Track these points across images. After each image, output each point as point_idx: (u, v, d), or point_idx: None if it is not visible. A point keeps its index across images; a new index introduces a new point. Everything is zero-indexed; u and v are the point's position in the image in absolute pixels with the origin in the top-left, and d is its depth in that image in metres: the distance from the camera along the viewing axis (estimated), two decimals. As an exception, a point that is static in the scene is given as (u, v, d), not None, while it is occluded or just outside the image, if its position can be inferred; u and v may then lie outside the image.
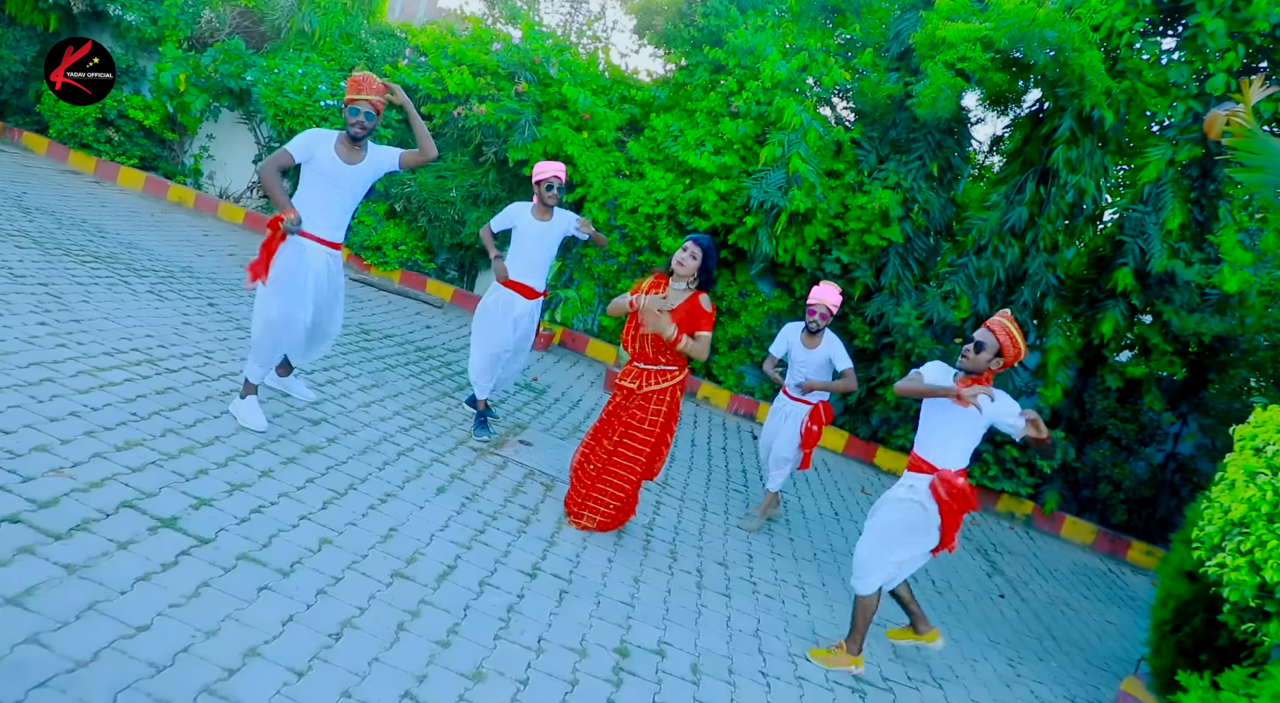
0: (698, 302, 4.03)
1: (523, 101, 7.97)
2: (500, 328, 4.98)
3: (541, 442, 5.36)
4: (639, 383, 4.13)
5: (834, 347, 5.19)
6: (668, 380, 4.16)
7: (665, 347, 4.07)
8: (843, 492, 7.09)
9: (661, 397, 4.16)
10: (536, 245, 4.96)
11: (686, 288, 4.07)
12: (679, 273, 4.02)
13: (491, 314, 5.02)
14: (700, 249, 4.01)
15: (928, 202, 8.03)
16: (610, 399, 4.24)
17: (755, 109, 7.67)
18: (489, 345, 4.99)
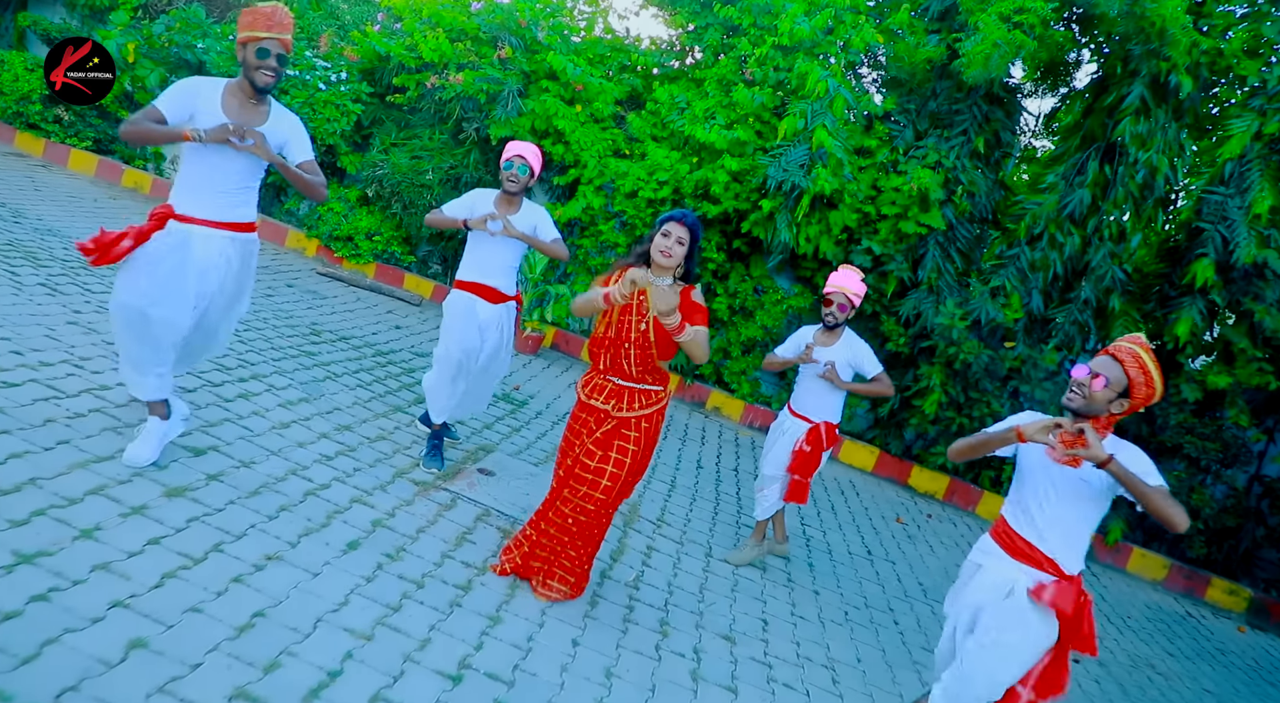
0: (689, 298, 3.05)
1: (507, 70, 6.97)
2: (464, 334, 3.99)
3: (508, 470, 4.36)
4: (615, 404, 3.13)
5: (856, 348, 4.18)
6: (653, 403, 3.16)
7: (651, 361, 3.08)
8: (875, 521, 6.03)
9: (646, 421, 3.16)
10: (495, 241, 3.95)
11: (672, 282, 3.07)
12: (663, 264, 3.01)
13: (454, 318, 4.04)
14: (688, 231, 3.01)
15: (973, 183, 6.94)
16: (572, 421, 3.24)
17: (773, 76, 6.62)
18: (451, 351, 4.00)
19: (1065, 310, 6.93)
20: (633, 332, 3.05)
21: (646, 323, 3.03)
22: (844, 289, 4.09)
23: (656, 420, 3.20)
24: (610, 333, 3.09)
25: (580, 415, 3.21)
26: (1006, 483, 7.13)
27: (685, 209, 2.90)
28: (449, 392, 4.06)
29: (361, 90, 7.39)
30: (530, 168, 3.97)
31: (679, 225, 3.00)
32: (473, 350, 4.00)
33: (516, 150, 3.99)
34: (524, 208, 4.06)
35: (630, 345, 3.06)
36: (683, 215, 3.03)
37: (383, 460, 3.91)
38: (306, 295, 6.70)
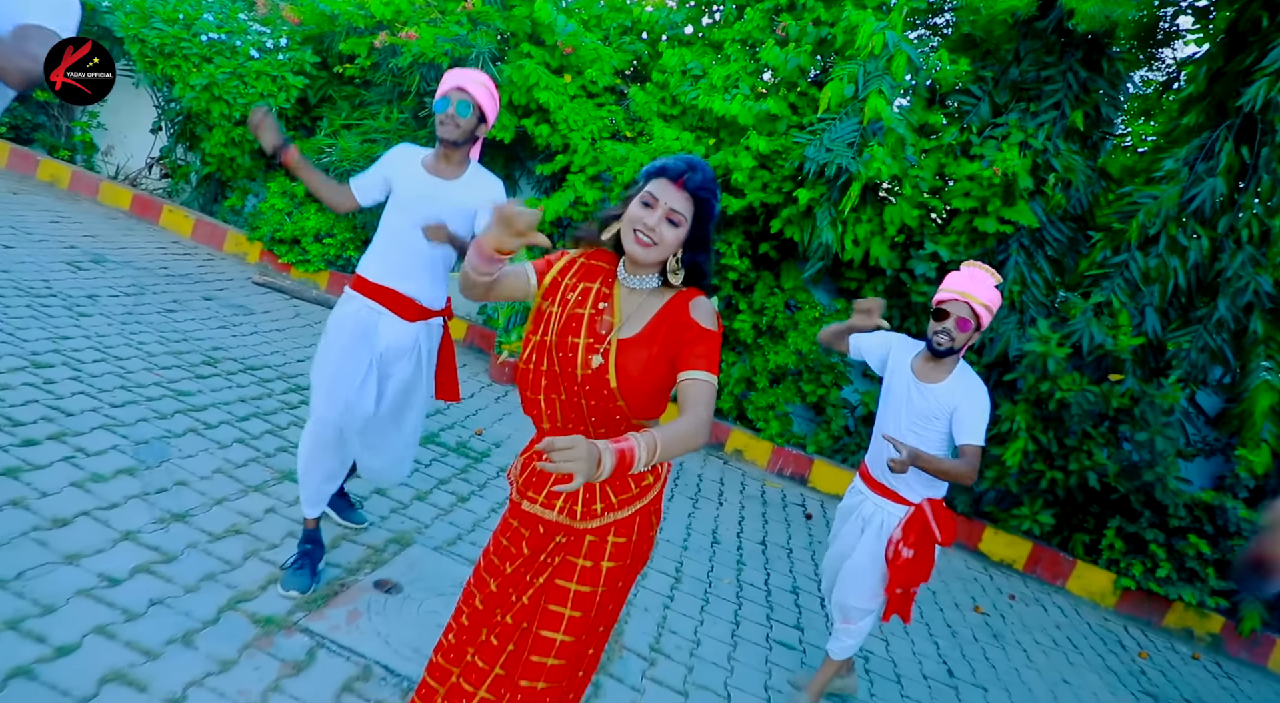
0: (685, 309, 1.66)
1: (478, 29, 5.59)
2: (348, 370, 2.58)
3: (426, 575, 2.91)
4: (566, 504, 1.71)
5: (970, 392, 2.69)
6: (639, 495, 1.74)
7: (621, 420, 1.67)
8: (947, 611, 4.51)
9: (620, 533, 1.73)
10: (419, 218, 2.50)
11: (659, 286, 1.70)
12: (633, 253, 1.63)
13: (338, 341, 2.62)
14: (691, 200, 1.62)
15: (1068, 170, 5.42)
16: (498, 532, 1.82)
17: (813, 31, 5.16)
18: (328, 402, 2.60)
19: (1191, 333, 5.38)
20: (580, 362, 1.65)
21: (607, 347, 1.64)
22: (968, 296, 2.61)
23: (642, 531, 1.77)
24: (544, 363, 1.68)
25: (510, 525, 1.79)
26: (1106, 554, 5.57)
27: (692, 156, 1.36)
28: (329, 469, 2.64)
29: (304, 59, 6.05)
30: (475, 104, 2.55)
31: (675, 188, 1.60)
32: (363, 405, 2.59)
33: (455, 81, 2.58)
34: (470, 174, 2.65)
35: (579, 392, 1.66)
36: (681, 171, 1.61)
37: (217, 576, 2.49)
38: (226, 311, 5.35)
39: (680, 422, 1.53)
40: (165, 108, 7.11)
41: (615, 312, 1.68)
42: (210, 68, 5.84)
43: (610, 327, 1.66)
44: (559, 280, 1.72)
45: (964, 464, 2.62)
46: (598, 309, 1.68)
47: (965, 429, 2.66)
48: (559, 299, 1.70)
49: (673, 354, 1.64)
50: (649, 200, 1.60)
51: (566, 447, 1.31)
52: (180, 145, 7.24)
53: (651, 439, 1.44)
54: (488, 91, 2.60)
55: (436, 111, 2.57)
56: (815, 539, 4.96)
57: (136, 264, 5.68)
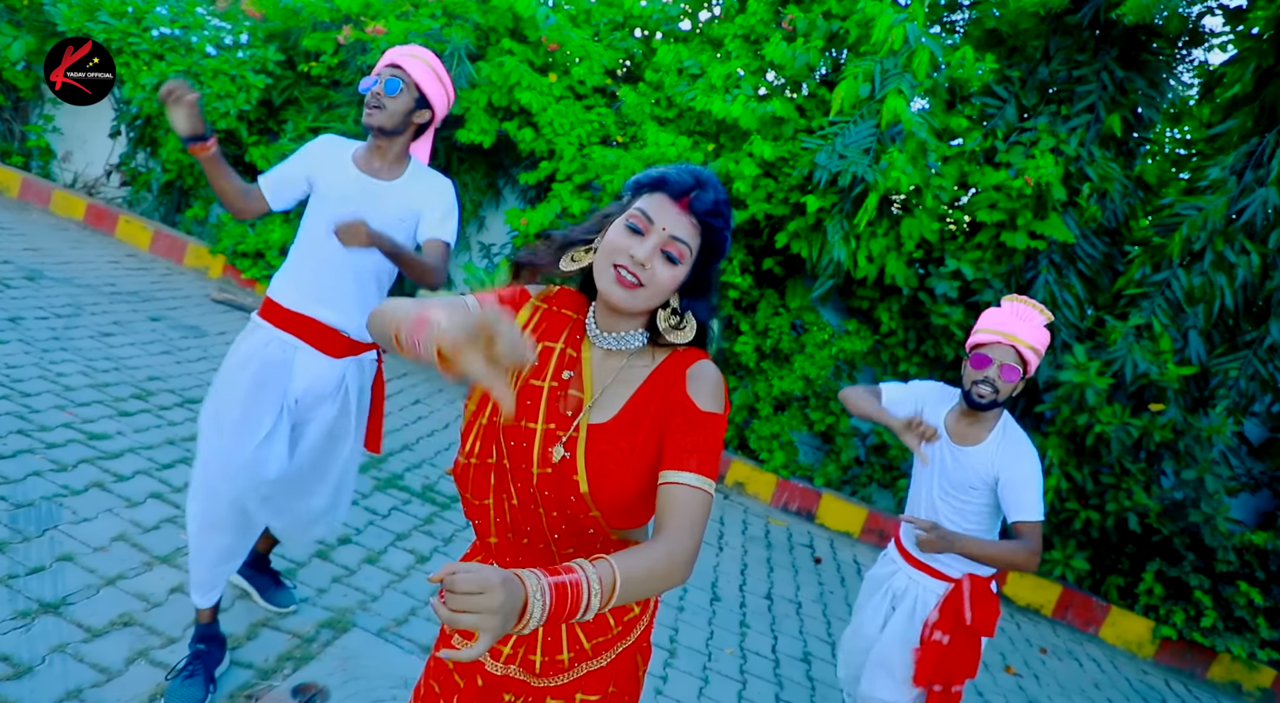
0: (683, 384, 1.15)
1: (454, 23, 5.08)
2: (248, 426, 2.06)
3: (362, 673, 2.37)
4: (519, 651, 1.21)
5: (1016, 455, 2.19)
6: (621, 635, 1.24)
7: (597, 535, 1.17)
8: (979, 678, 3.97)
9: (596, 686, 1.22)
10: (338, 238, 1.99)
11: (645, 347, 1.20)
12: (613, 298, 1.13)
13: (238, 381, 2.09)
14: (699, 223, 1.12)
15: (1104, 179, 4.92)
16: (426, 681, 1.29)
17: (824, 24, 4.66)
18: (221, 473, 2.07)
19: (1240, 360, 4.87)
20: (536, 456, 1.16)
21: (574, 434, 1.16)
22: (1015, 338, 2.14)
23: (625, 680, 1.26)
24: (490, 453, 1.18)
25: (441, 668, 1.29)
26: (1144, 599, 5.06)
27: (699, 169, 0.81)
28: (223, 550, 2.11)
29: (267, 58, 5.54)
30: (409, 82, 2.05)
31: (678, 208, 1.13)
32: (267, 471, 2.06)
33: (389, 58, 2.10)
34: (411, 172, 2.13)
35: (536, 498, 1.17)
36: (689, 185, 1.13)
37: (79, 695, 1.96)
38: (174, 333, 4.84)
39: (654, 548, 1.04)
40: (122, 110, 6.60)
41: (585, 383, 1.17)
42: (161, 66, 5.33)
43: (579, 405, 1.17)
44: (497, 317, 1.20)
45: (1021, 549, 2.12)
46: (561, 380, 1.18)
47: (1017, 504, 2.16)
48: None
49: (660, 434, 1.15)
50: (639, 224, 1.12)
51: (471, 590, 0.85)
52: (140, 151, 6.73)
53: (610, 572, 0.97)
54: (428, 69, 2.09)
55: (362, 92, 2.07)
56: (826, 589, 4.45)
57: (78, 281, 5.16)
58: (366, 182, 2.07)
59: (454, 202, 2.17)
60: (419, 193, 2.11)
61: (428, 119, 2.12)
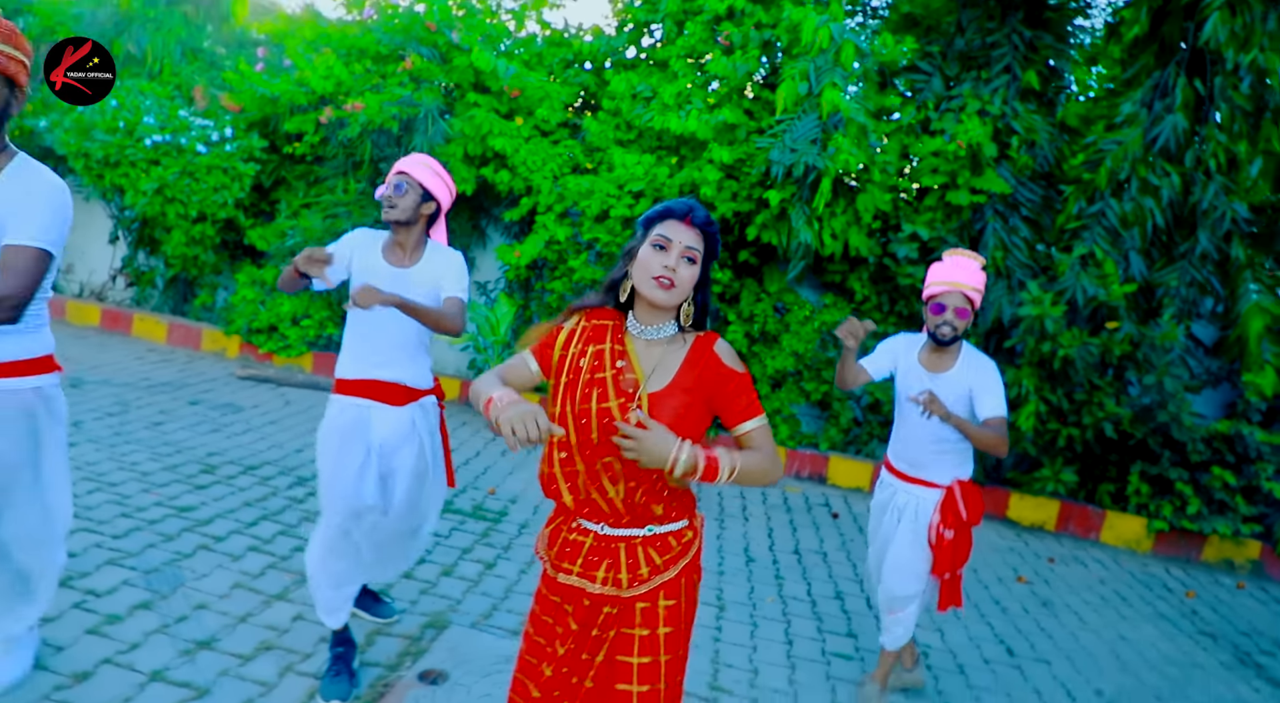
0: (714, 354, 1.62)
1: (422, 87, 5.54)
2: (343, 472, 2.49)
3: (470, 655, 2.82)
4: (609, 572, 1.63)
5: (983, 372, 2.72)
6: (681, 553, 1.68)
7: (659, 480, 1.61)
8: (993, 588, 4.45)
9: (670, 595, 1.66)
10: (381, 312, 2.44)
11: (677, 333, 1.65)
12: (660, 301, 1.58)
13: (330, 447, 2.54)
14: (701, 235, 1.59)
15: (1030, 130, 5.43)
16: (538, 611, 1.73)
17: (756, 35, 5.16)
18: (329, 507, 2.51)
19: (1177, 270, 5.38)
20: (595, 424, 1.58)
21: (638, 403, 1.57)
22: (959, 285, 2.64)
23: (689, 591, 1.71)
24: (568, 440, 1.61)
25: (552, 601, 1.70)
26: (1134, 499, 5.54)
27: (687, 199, 1.32)
28: (340, 574, 2.54)
29: (252, 145, 5.98)
30: (414, 183, 2.49)
31: (685, 226, 1.58)
32: (364, 502, 2.50)
33: (398, 166, 2.55)
34: (427, 257, 2.57)
35: (611, 458, 1.59)
36: (688, 208, 1.59)
37: (256, 702, 2.39)
38: (215, 413, 5.24)
39: (760, 453, 1.57)
40: (120, 217, 7.00)
41: (635, 367, 1.61)
42: (159, 170, 5.75)
43: (635, 383, 1.60)
44: (566, 352, 1.65)
45: (994, 433, 2.65)
46: (617, 368, 1.61)
47: (987, 404, 2.69)
48: (569, 369, 1.63)
49: (711, 401, 1.61)
50: (662, 243, 1.56)
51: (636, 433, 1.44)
52: (141, 251, 7.13)
53: (735, 458, 1.50)
54: (428, 169, 2.54)
55: (377, 199, 2.54)
56: (847, 538, 4.89)
57: (116, 381, 5.56)
58: (393, 272, 2.50)
59: (464, 267, 2.62)
60: (436, 270, 2.54)
61: (435, 209, 2.57)
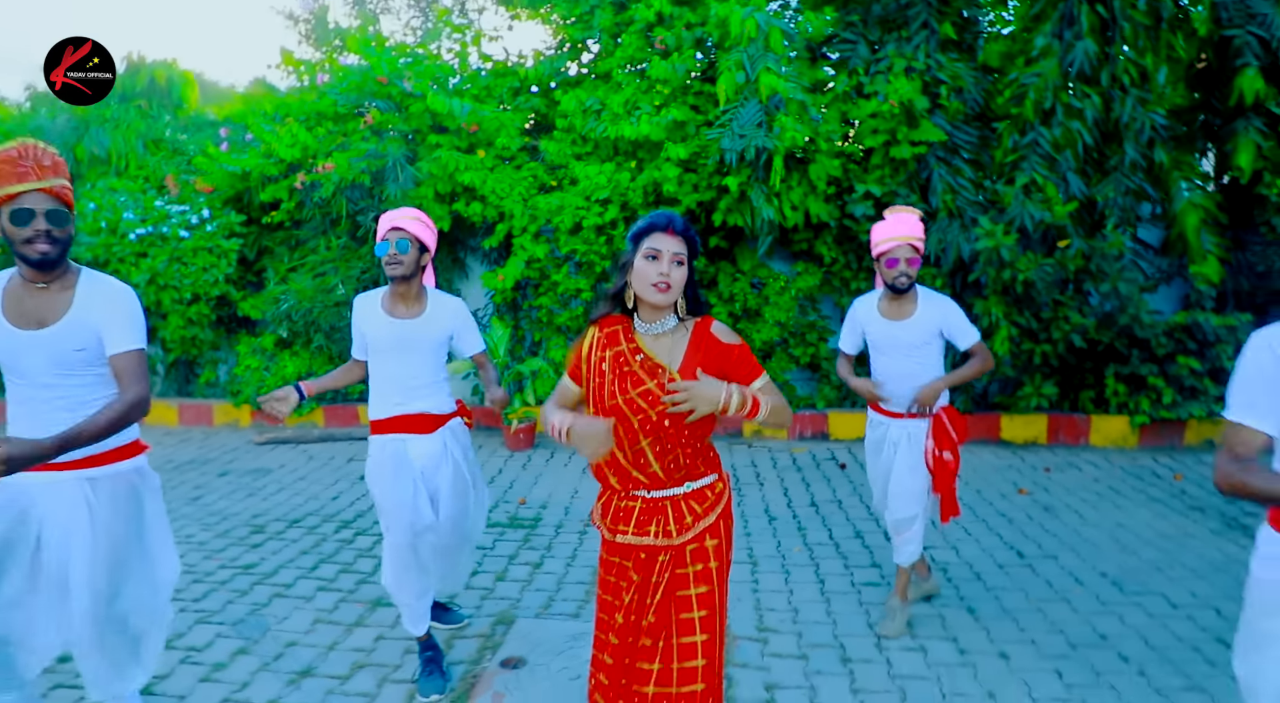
0: (711, 335, 1.93)
1: (384, 138, 5.83)
2: (399, 499, 2.79)
3: (543, 643, 3.13)
4: (659, 527, 1.94)
5: (940, 310, 3.09)
6: (714, 503, 1.99)
7: (694, 445, 1.93)
8: (997, 504, 4.81)
9: (713, 536, 1.98)
10: (399, 357, 2.79)
11: (678, 323, 1.95)
12: (658, 301, 1.87)
13: (381, 483, 2.83)
14: (684, 241, 1.89)
15: (956, 77, 5.80)
16: (604, 572, 2.04)
17: (688, 35, 5.49)
18: (393, 531, 2.82)
19: (1111, 182, 5.77)
20: (638, 409, 1.88)
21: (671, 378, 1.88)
22: (905, 238, 2.97)
23: (726, 525, 2.03)
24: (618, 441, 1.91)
25: (614, 562, 2.01)
26: (1114, 400, 5.93)
27: (665, 211, 1.67)
28: (418, 588, 2.84)
29: (232, 222, 6.24)
30: (413, 239, 2.79)
31: (668, 235, 1.86)
32: (423, 521, 2.80)
33: (389, 222, 2.81)
34: (431, 305, 2.87)
35: (649, 438, 1.89)
36: (667, 220, 1.88)
37: (365, 710, 2.69)
38: (244, 480, 5.49)
39: (777, 397, 1.91)
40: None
41: (653, 357, 1.91)
42: (147, 262, 6.00)
43: (658, 369, 1.89)
44: (589, 362, 1.96)
45: (978, 361, 3.05)
46: (638, 361, 1.90)
47: (961, 335, 3.07)
48: (594, 373, 1.94)
49: (719, 373, 1.89)
50: (654, 254, 1.84)
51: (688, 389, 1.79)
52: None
53: (767, 399, 1.86)
54: (421, 223, 2.82)
55: (380, 255, 2.80)
56: (858, 484, 5.23)
57: (147, 463, 5.80)
58: (400, 325, 2.80)
59: (469, 315, 2.94)
60: (444, 320, 2.85)
61: (428, 259, 2.88)
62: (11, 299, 2.05)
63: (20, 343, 2.04)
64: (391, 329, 2.79)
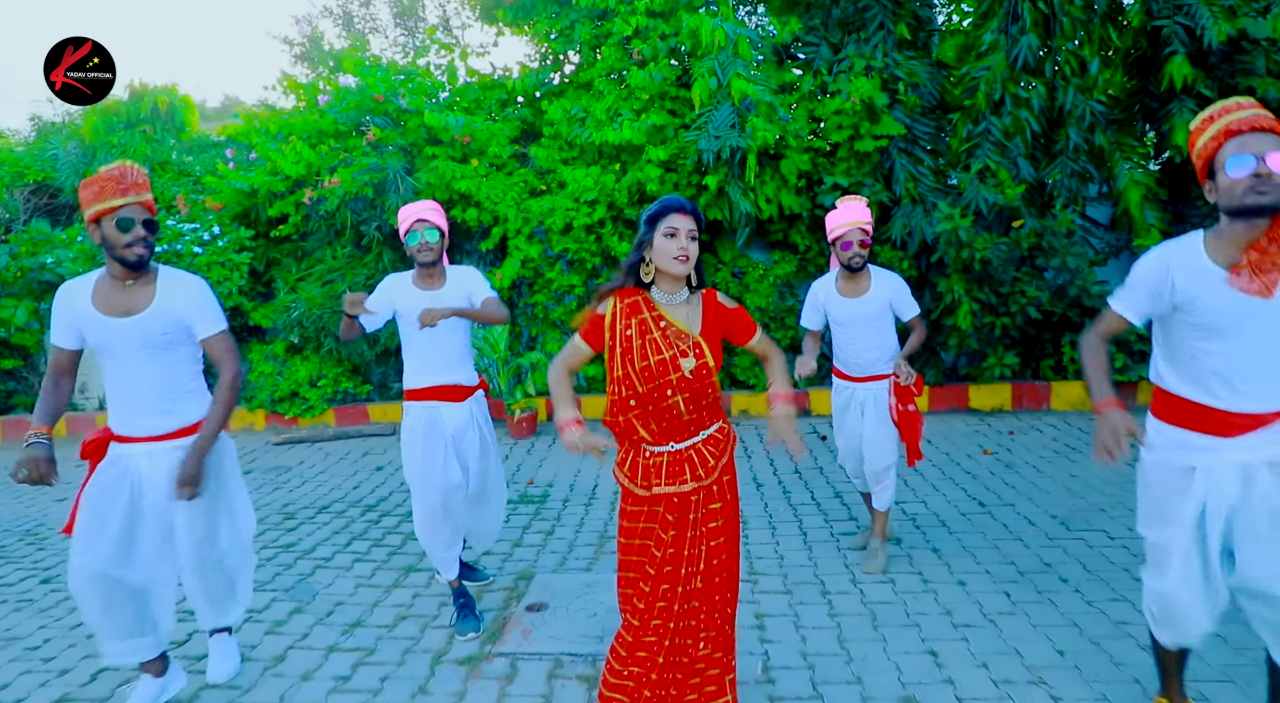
0: (720, 303, 2.30)
1: (384, 152, 6.25)
2: (431, 461, 3.23)
3: (561, 591, 3.57)
4: (691, 472, 2.26)
5: (890, 285, 3.56)
6: (726, 446, 2.35)
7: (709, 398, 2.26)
8: (964, 463, 5.29)
9: (727, 473, 2.35)
10: (432, 331, 3.19)
11: (690, 294, 2.29)
12: (678, 273, 2.19)
13: (414, 445, 3.27)
14: (694, 219, 2.22)
15: (912, 74, 6.28)
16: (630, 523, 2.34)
17: (663, 45, 5.94)
18: (425, 490, 3.25)
19: (1058, 165, 6.27)
20: (671, 374, 2.18)
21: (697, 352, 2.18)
22: (856, 224, 3.42)
23: (733, 463, 2.39)
24: (637, 391, 2.20)
25: (642, 512, 2.29)
26: (1072, 367, 6.43)
27: (677, 196, 2.18)
28: (447, 539, 3.28)
29: (241, 237, 6.63)
30: (439, 229, 3.24)
31: (683, 215, 2.17)
32: (451, 478, 3.23)
33: (415, 215, 3.23)
34: (450, 278, 3.31)
35: (683, 394, 2.20)
36: (680, 203, 2.19)
37: (411, 649, 3.12)
38: (268, 476, 5.90)
39: (775, 360, 2.34)
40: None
41: (677, 324, 2.23)
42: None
43: (681, 335, 2.22)
44: (614, 330, 2.25)
45: (919, 332, 3.55)
46: (662, 329, 2.22)
47: (905, 308, 3.56)
48: (620, 340, 2.21)
49: (726, 333, 2.29)
50: (672, 232, 2.15)
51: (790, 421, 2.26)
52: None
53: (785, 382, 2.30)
54: (439, 213, 3.28)
55: (411, 244, 3.22)
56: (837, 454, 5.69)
57: (174, 465, 6.19)
58: (430, 296, 3.24)
59: (481, 275, 3.37)
60: (462, 286, 3.29)
61: (446, 242, 3.31)
62: (101, 295, 2.46)
63: (112, 330, 2.45)
64: (422, 301, 3.21)
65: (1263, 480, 2.00)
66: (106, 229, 2.40)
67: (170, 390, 2.52)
